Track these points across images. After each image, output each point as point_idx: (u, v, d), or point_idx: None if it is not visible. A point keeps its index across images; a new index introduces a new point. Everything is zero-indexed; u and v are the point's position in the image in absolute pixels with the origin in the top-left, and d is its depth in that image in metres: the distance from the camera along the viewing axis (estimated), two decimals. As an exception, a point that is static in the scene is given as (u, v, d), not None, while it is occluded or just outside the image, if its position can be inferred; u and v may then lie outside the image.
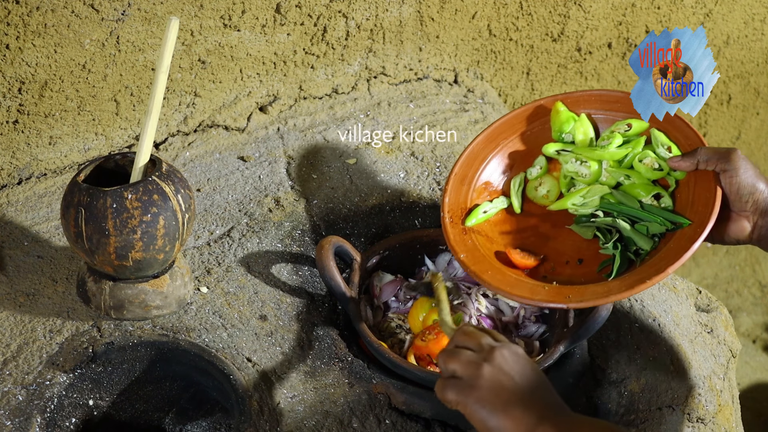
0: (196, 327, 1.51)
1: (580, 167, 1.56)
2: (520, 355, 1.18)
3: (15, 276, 1.57)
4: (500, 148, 1.63)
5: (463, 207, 1.59)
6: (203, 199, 1.77)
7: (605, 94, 1.60)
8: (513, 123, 1.64)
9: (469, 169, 1.61)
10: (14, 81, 1.63)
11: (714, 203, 1.41)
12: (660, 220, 1.47)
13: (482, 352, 1.18)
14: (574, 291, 1.43)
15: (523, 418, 1.12)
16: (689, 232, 1.42)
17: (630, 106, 1.54)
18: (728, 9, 2.43)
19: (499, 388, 1.14)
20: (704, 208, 1.43)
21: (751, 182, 1.38)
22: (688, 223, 1.44)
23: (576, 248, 1.54)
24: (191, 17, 1.75)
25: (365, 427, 1.41)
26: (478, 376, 1.16)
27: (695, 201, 1.46)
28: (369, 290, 1.64)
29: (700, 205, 1.44)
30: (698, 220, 1.43)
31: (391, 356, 1.46)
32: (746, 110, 2.75)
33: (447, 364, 1.19)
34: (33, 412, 1.37)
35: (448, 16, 2.07)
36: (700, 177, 1.47)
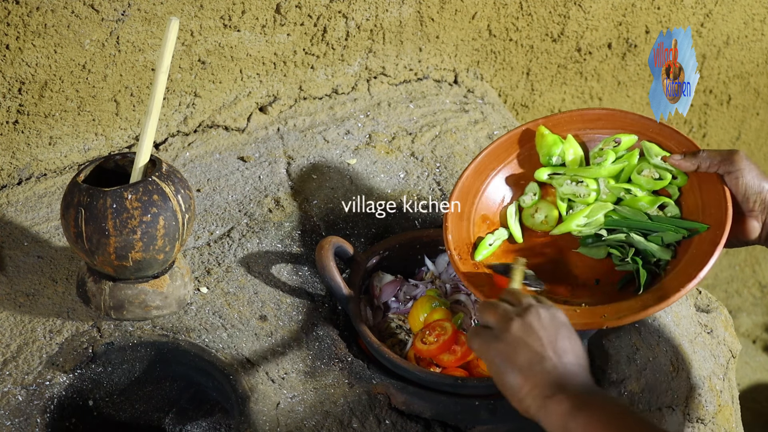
0: (196, 327, 1.51)
1: (576, 188, 1.53)
2: (557, 319, 1.15)
3: (15, 276, 1.57)
4: (490, 179, 1.59)
5: (468, 242, 1.54)
6: (203, 199, 1.77)
7: (587, 112, 1.58)
8: (499, 152, 1.60)
9: (464, 203, 1.57)
10: (14, 81, 1.63)
11: (726, 203, 1.40)
12: (674, 228, 1.44)
13: (519, 307, 1.16)
14: (608, 310, 1.38)
15: (540, 383, 1.09)
16: (709, 236, 1.40)
17: (613, 122, 1.53)
18: (728, 9, 2.43)
19: (522, 346, 1.12)
20: (717, 210, 1.41)
21: (757, 182, 1.38)
22: (705, 227, 1.42)
23: (589, 269, 1.50)
24: (191, 17, 1.75)
25: (365, 427, 1.41)
26: (506, 330, 1.14)
27: (706, 204, 1.44)
28: (369, 290, 1.64)
29: (712, 207, 1.43)
30: (715, 222, 1.41)
31: (391, 356, 1.46)
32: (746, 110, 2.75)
33: (482, 314, 1.18)
34: (33, 412, 1.37)
35: (448, 16, 2.07)
36: (704, 181, 1.45)
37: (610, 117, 1.54)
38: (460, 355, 1.48)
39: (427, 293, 1.59)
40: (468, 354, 1.48)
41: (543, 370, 1.10)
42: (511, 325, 1.14)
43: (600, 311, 1.39)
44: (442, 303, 1.57)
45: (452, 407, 1.43)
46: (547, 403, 1.08)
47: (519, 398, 1.11)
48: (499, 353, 1.13)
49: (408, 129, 2.01)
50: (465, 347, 1.48)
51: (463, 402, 1.43)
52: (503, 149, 1.61)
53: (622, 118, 1.56)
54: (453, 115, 2.07)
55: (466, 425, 1.44)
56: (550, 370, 1.10)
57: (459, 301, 1.60)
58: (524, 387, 1.10)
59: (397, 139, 1.98)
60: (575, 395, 1.07)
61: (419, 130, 2.01)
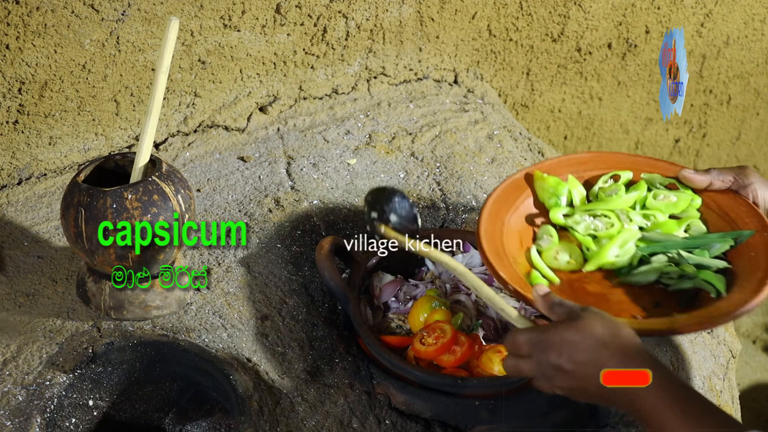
0: (196, 327, 1.51)
1: (595, 222, 1.52)
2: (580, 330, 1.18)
3: (15, 276, 1.57)
4: (504, 225, 1.52)
5: (519, 279, 1.46)
6: (203, 199, 1.77)
7: (575, 157, 1.58)
8: (506, 197, 1.54)
9: (495, 247, 1.48)
10: (14, 81, 1.63)
11: (756, 209, 1.42)
12: (718, 239, 1.43)
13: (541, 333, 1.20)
14: (712, 310, 1.36)
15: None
16: (760, 238, 1.41)
17: (603, 163, 1.53)
18: (728, 9, 2.43)
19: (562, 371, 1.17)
20: (751, 217, 1.43)
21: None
22: (752, 232, 1.42)
23: (642, 295, 1.45)
24: (191, 17, 1.75)
25: (365, 427, 1.41)
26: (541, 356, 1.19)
27: (734, 217, 1.45)
28: (369, 290, 1.64)
29: (744, 217, 1.44)
30: (756, 226, 1.42)
31: (391, 356, 1.46)
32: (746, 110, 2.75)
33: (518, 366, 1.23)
34: (33, 413, 1.37)
35: (448, 16, 2.07)
36: (720, 199, 1.46)
37: (598, 159, 1.55)
38: (460, 356, 1.47)
39: (427, 293, 1.59)
40: (467, 354, 1.48)
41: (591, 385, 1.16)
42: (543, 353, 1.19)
43: (703, 315, 1.35)
44: (442, 303, 1.57)
45: (452, 407, 1.43)
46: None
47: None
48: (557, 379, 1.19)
49: (408, 129, 2.01)
50: (464, 347, 1.48)
51: (463, 402, 1.43)
52: (509, 193, 1.55)
53: (610, 158, 1.56)
54: (453, 115, 2.07)
55: (466, 425, 1.44)
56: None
57: (459, 301, 1.60)
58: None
59: (397, 139, 1.98)
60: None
61: (419, 130, 2.01)
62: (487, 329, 1.56)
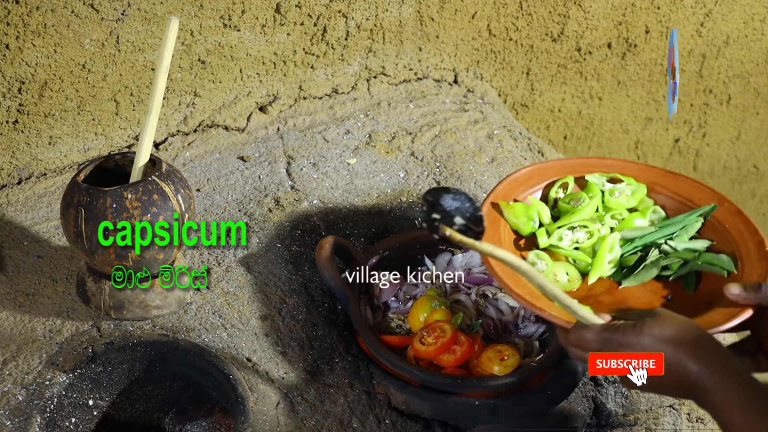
0: (196, 327, 1.51)
1: (575, 234, 1.50)
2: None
3: (15, 276, 1.57)
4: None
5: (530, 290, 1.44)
6: (203, 199, 1.77)
7: (517, 176, 1.54)
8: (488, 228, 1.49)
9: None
10: (14, 81, 1.63)
11: (702, 183, 1.48)
12: (686, 219, 1.47)
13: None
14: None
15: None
16: (723, 210, 1.45)
17: (544, 174, 1.53)
18: (728, 9, 2.43)
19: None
20: (701, 192, 1.48)
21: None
22: (713, 205, 1.46)
23: (652, 292, 1.45)
24: (191, 17, 1.75)
25: (365, 427, 1.41)
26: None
27: (686, 193, 1.50)
28: (369, 290, 1.64)
29: (694, 192, 1.49)
30: (712, 199, 1.46)
31: (391, 356, 1.46)
32: (746, 110, 2.75)
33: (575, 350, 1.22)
34: (33, 412, 1.37)
35: (448, 16, 2.07)
36: (664, 180, 1.52)
37: (538, 171, 1.54)
38: (460, 355, 1.48)
39: (427, 293, 1.59)
40: (467, 354, 1.48)
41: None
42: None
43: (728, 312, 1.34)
44: (442, 303, 1.57)
45: (452, 407, 1.43)
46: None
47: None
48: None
49: (408, 129, 2.01)
50: (464, 347, 1.48)
51: (463, 402, 1.43)
52: (489, 224, 1.49)
53: (547, 168, 1.55)
54: (453, 114, 2.07)
55: (466, 425, 1.44)
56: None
57: (459, 301, 1.60)
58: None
59: (397, 138, 1.98)
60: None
61: (419, 129, 2.01)
62: (487, 329, 1.57)
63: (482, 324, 1.56)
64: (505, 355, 1.48)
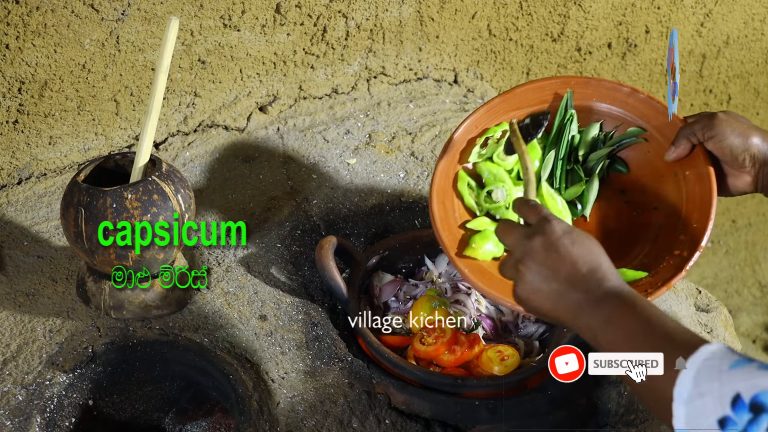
0: (196, 327, 1.51)
1: (496, 194, 1.51)
2: (572, 234, 1.14)
3: (15, 276, 1.57)
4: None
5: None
6: (203, 199, 1.77)
7: (467, 125, 1.53)
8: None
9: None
10: (14, 81, 1.64)
11: None
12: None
13: (535, 228, 1.15)
14: (647, 282, 1.38)
15: (569, 306, 1.10)
16: (700, 190, 1.43)
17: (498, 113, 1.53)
18: (728, 9, 2.43)
19: (549, 268, 1.12)
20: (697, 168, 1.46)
21: (740, 141, 1.37)
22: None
23: (608, 200, 1.51)
24: (191, 17, 1.75)
25: (365, 427, 1.41)
26: (529, 256, 1.13)
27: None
28: (369, 290, 1.64)
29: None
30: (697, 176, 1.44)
31: (391, 356, 1.46)
32: (746, 110, 2.75)
33: (503, 239, 1.18)
34: (33, 412, 1.37)
35: (448, 16, 2.07)
36: None
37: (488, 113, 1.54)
38: (460, 355, 1.48)
39: (427, 293, 1.60)
40: (467, 354, 1.48)
41: (573, 294, 1.11)
42: (533, 249, 1.13)
43: (643, 287, 1.38)
44: (442, 303, 1.57)
45: (452, 407, 1.43)
46: (588, 307, 1.09)
47: (555, 316, 1.13)
48: (534, 277, 1.12)
49: (408, 129, 2.01)
50: (465, 347, 1.48)
51: (463, 402, 1.43)
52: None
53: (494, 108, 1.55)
54: (453, 114, 2.07)
55: (466, 425, 1.44)
56: (584, 287, 1.10)
57: (459, 301, 1.60)
58: (559, 306, 1.12)
59: (397, 138, 1.98)
60: (613, 296, 1.09)
61: (419, 129, 2.01)
62: (487, 329, 1.57)
63: (482, 324, 1.56)
64: (505, 355, 1.48)
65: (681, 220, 1.43)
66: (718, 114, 1.39)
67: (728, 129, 1.37)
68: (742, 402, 0.94)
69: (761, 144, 1.36)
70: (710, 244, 3.00)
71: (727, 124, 1.38)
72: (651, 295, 1.34)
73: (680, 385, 0.98)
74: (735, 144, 1.37)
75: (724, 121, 1.38)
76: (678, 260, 1.38)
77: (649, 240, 1.46)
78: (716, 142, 1.38)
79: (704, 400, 0.96)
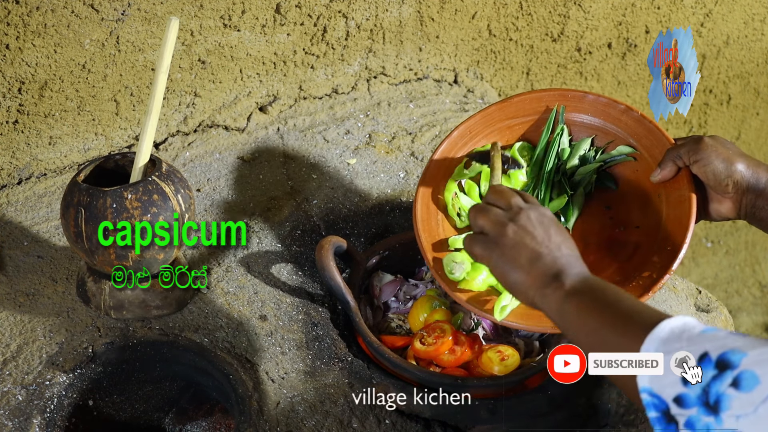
0: (196, 327, 1.51)
1: (454, 270, 1.51)
2: (545, 216, 1.22)
3: (15, 276, 1.57)
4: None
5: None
6: (203, 199, 1.77)
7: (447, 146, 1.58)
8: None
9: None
10: (14, 81, 1.64)
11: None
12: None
13: (510, 211, 1.22)
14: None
15: (540, 275, 1.16)
16: (677, 214, 1.44)
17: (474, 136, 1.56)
18: (728, 9, 2.43)
19: (521, 246, 1.19)
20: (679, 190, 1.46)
21: (724, 166, 1.38)
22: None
23: (593, 215, 1.53)
24: (191, 17, 1.75)
25: (365, 427, 1.41)
26: (502, 234, 1.20)
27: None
28: (369, 290, 1.64)
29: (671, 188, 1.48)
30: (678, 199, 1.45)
31: (391, 356, 1.46)
32: (746, 110, 2.75)
33: (476, 220, 1.24)
34: (33, 412, 1.37)
35: (448, 16, 2.07)
36: None
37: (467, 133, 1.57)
38: (460, 355, 1.48)
39: (427, 293, 1.60)
40: (468, 354, 1.48)
41: (542, 264, 1.17)
42: (506, 229, 1.21)
43: None
44: (442, 303, 1.57)
45: (452, 407, 1.43)
46: (546, 292, 1.15)
47: (524, 292, 1.18)
48: (500, 257, 1.20)
49: (408, 129, 2.01)
50: (464, 347, 1.48)
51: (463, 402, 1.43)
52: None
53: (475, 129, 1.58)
54: (453, 114, 2.07)
55: (466, 425, 1.44)
56: (548, 263, 1.17)
57: (459, 301, 1.60)
58: (527, 281, 1.18)
59: (397, 138, 1.98)
60: (570, 281, 1.15)
61: (419, 129, 2.01)
62: (487, 329, 1.57)
63: (482, 324, 1.56)
64: (505, 355, 1.48)
65: (657, 241, 1.44)
66: (704, 138, 1.41)
67: (713, 154, 1.39)
68: (708, 359, 0.96)
69: (745, 170, 1.38)
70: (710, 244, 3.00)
71: (712, 149, 1.39)
72: None
73: (647, 345, 1.02)
74: (719, 169, 1.38)
75: (710, 146, 1.40)
76: (647, 282, 1.39)
77: (624, 258, 1.47)
78: (701, 166, 1.40)
79: (669, 357, 0.98)
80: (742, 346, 0.94)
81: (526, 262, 1.18)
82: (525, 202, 1.24)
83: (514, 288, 1.19)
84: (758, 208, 1.38)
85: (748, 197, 1.39)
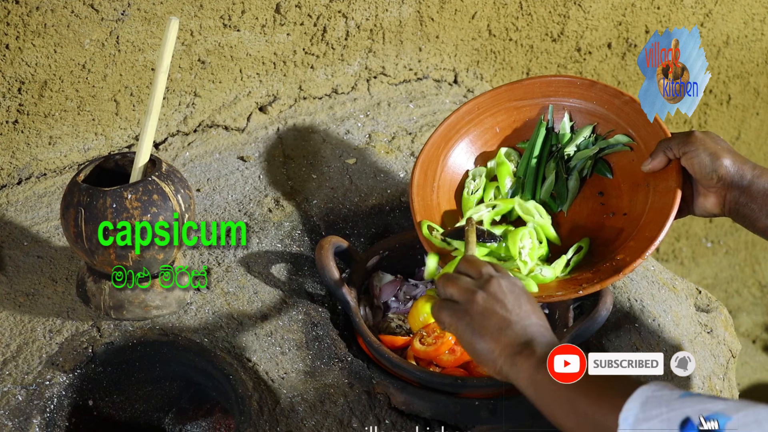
0: (196, 327, 1.51)
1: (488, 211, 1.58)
2: (516, 286, 1.21)
3: (15, 276, 1.57)
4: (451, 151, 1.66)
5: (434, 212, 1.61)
6: (203, 199, 1.77)
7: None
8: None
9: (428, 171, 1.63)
10: (14, 81, 1.64)
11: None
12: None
13: (480, 279, 1.22)
14: (585, 279, 1.44)
15: (509, 344, 1.15)
16: (661, 202, 1.47)
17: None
18: (728, 9, 2.43)
19: (490, 313, 1.18)
20: (665, 180, 1.49)
21: (710, 160, 1.40)
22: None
23: (586, 200, 1.57)
24: (191, 17, 1.75)
25: (365, 426, 1.41)
26: (471, 302, 1.19)
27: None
28: (369, 290, 1.64)
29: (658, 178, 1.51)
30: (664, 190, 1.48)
31: (391, 356, 1.46)
32: (746, 110, 2.75)
33: (445, 288, 1.23)
34: (33, 412, 1.37)
35: (448, 16, 2.07)
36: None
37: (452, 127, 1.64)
38: (460, 355, 1.48)
39: (427, 293, 1.59)
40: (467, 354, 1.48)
41: (511, 333, 1.17)
42: (475, 297, 1.20)
43: (579, 281, 1.44)
44: (442, 303, 1.57)
45: (452, 407, 1.43)
46: (517, 360, 1.15)
47: (492, 360, 1.17)
48: (468, 325, 1.19)
49: (408, 129, 2.01)
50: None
51: (463, 402, 1.43)
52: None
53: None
54: (453, 114, 2.07)
55: (466, 425, 1.44)
56: (517, 332, 1.16)
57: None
58: (495, 350, 1.17)
59: (397, 138, 1.98)
60: (542, 350, 1.14)
61: (419, 129, 2.01)
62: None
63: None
64: (505, 355, 1.48)
65: (637, 228, 1.48)
66: (695, 132, 1.43)
67: (701, 147, 1.41)
68: (691, 424, 0.95)
69: (731, 166, 1.39)
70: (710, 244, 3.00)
71: (701, 142, 1.42)
72: (585, 290, 1.40)
73: (626, 412, 1.01)
74: (705, 162, 1.41)
75: (699, 140, 1.42)
76: (620, 264, 1.42)
77: (604, 241, 1.51)
78: (689, 158, 1.42)
79: (651, 423, 0.98)
80: (724, 410, 0.94)
81: (496, 330, 1.16)
82: (496, 272, 1.23)
83: (482, 357, 1.18)
84: (741, 204, 1.40)
85: (732, 193, 1.40)
